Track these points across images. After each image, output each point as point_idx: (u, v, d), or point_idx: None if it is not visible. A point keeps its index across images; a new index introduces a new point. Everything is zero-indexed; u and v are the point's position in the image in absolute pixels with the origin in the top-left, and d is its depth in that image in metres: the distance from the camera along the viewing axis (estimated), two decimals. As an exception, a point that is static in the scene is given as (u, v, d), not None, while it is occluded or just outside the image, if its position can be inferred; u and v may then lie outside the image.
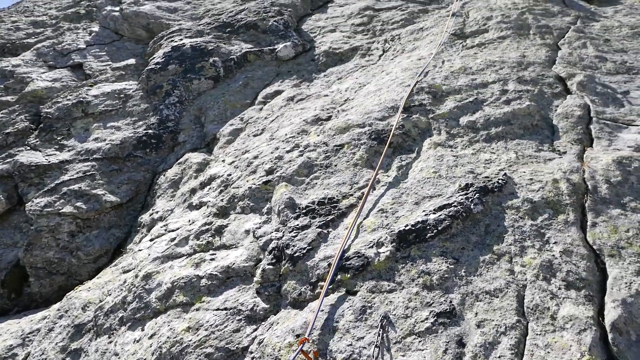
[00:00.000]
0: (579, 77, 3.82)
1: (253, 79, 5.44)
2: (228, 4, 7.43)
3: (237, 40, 6.15)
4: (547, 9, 5.53)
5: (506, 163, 2.87)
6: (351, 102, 4.12)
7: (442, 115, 3.41)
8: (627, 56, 4.34)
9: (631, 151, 2.90)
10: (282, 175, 3.19)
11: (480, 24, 5.16)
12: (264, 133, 4.25)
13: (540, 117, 3.34)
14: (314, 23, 6.72)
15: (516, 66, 4.03)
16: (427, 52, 4.67)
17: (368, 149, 3.18)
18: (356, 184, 2.94)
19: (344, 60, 5.49)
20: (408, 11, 6.61)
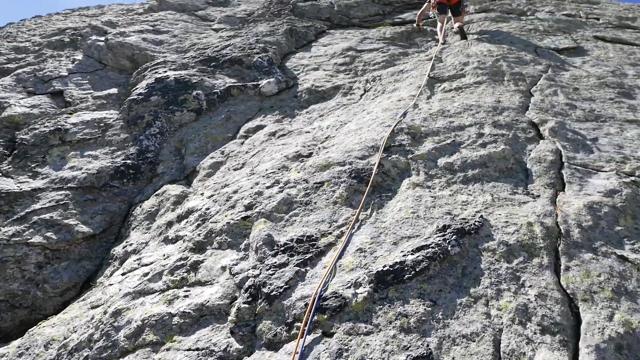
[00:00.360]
0: (550, 123, 3.98)
1: (236, 113, 5.49)
2: (214, 39, 7.57)
3: (221, 75, 6.23)
4: (520, 57, 5.82)
5: (482, 205, 2.93)
6: (332, 139, 4.18)
7: (420, 156, 3.48)
8: (595, 105, 4.57)
9: (601, 196, 3.00)
10: (261, 211, 3.17)
11: (458, 69, 5.38)
12: (244, 167, 4.25)
13: (514, 160, 3.45)
14: (297, 61, 6.88)
15: (492, 111, 4.18)
16: (407, 94, 4.81)
17: (348, 188, 3.20)
18: (335, 222, 2.95)
19: (326, 98, 5.60)
20: (389, 53, 6.85)
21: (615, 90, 4.92)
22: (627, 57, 6.22)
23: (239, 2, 10.73)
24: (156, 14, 9.45)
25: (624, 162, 3.45)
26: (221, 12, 9.63)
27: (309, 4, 9.92)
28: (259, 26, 8.27)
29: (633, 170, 3.33)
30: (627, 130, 4.05)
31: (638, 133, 3.99)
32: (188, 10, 9.86)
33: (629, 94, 4.89)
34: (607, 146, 3.74)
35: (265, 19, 8.88)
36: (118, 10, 10.71)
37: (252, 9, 9.79)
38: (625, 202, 2.94)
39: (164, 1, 10.41)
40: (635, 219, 2.84)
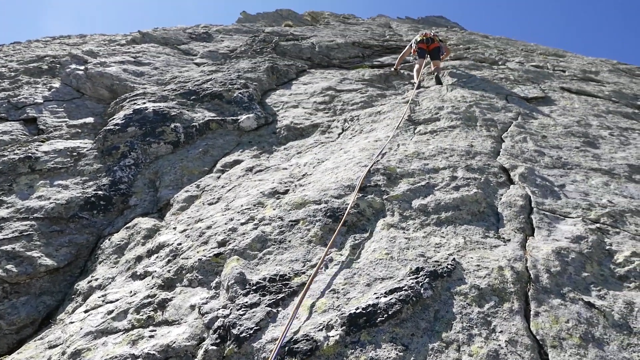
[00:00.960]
0: (520, 169, 4.11)
1: (213, 147, 5.48)
2: (195, 73, 7.64)
3: (200, 108, 6.26)
4: (492, 104, 6.07)
5: (455, 248, 2.96)
6: (309, 177, 4.20)
7: (395, 197, 3.53)
8: (562, 152, 4.76)
9: (568, 242, 3.08)
10: (234, 248, 3.12)
11: (433, 113, 5.56)
12: (219, 202, 4.21)
13: (486, 204, 3.53)
14: (277, 98, 6.99)
15: (465, 155, 4.31)
16: (383, 135, 4.92)
17: (323, 227, 3.20)
18: (309, 261, 2.92)
19: (305, 135, 5.67)
20: (367, 94, 7.04)
21: (580, 140, 5.16)
22: (591, 108, 6.57)
23: (222, 39, 10.93)
24: (139, 46, 9.52)
25: (590, 209, 3.57)
26: (204, 47, 9.77)
27: (291, 43, 10.19)
28: (241, 62, 8.41)
29: (598, 217, 3.45)
30: (592, 178, 4.22)
31: (602, 181, 4.16)
32: (171, 44, 9.97)
33: (593, 143, 5.13)
34: (573, 193, 3.88)
35: (248, 55, 9.05)
36: (100, 40, 10.74)
37: (235, 46, 9.98)
38: (591, 249, 3.03)
39: (147, 34, 10.51)
40: (600, 266, 2.92)
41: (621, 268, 2.88)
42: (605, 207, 3.61)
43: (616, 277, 2.82)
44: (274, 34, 11.31)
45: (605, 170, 4.41)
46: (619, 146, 5.12)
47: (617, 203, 3.72)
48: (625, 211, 3.60)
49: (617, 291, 2.66)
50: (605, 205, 3.65)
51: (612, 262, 2.95)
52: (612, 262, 2.95)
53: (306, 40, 10.78)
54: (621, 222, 3.44)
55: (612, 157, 4.77)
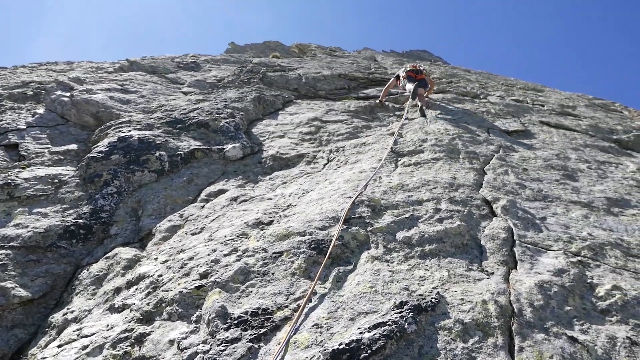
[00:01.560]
0: (502, 202, 4.17)
1: (198, 176, 5.45)
2: (182, 102, 7.68)
3: (186, 137, 6.25)
4: (474, 137, 6.20)
5: (439, 281, 2.95)
6: (294, 208, 4.19)
7: (380, 229, 3.53)
8: (543, 185, 4.86)
9: (550, 275, 3.10)
10: (216, 281, 3.06)
11: (417, 145, 5.65)
12: (202, 232, 4.15)
13: (470, 237, 3.55)
14: (264, 128, 7.04)
15: (448, 187, 4.36)
16: (368, 166, 4.97)
17: (307, 259, 3.17)
18: (292, 294, 2.88)
19: (290, 165, 5.69)
20: (353, 125, 7.14)
21: (560, 173, 5.28)
22: (569, 142, 6.76)
23: (210, 68, 11.06)
24: (126, 74, 9.56)
25: (571, 242, 3.62)
26: (192, 77, 9.86)
27: (278, 74, 10.35)
28: (228, 92, 8.49)
29: (579, 250, 3.49)
30: (572, 210, 4.29)
31: (582, 214, 4.24)
32: (159, 73, 10.04)
33: (572, 176, 5.25)
34: (554, 225, 3.93)
35: (235, 85, 9.15)
36: (87, 67, 10.76)
37: (223, 75, 10.10)
38: (573, 282, 3.05)
39: (136, 62, 10.58)
40: (582, 299, 2.94)
41: (603, 302, 2.90)
42: (586, 240, 3.67)
43: (598, 310, 2.83)
44: (262, 64, 11.49)
45: (585, 203, 4.50)
46: (597, 179, 5.25)
47: (597, 236, 3.79)
48: (605, 244, 3.66)
49: (599, 325, 2.67)
50: (586, 238, 3.71)
51: (593, 296, 2.97)
52: (594, 296, 2.97)
53: (293, 72, 10.96)
54: (601, 255, 3.49)
55: (590, 190, 4.88)
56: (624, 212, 4.41)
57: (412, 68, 8.75)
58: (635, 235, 3.92)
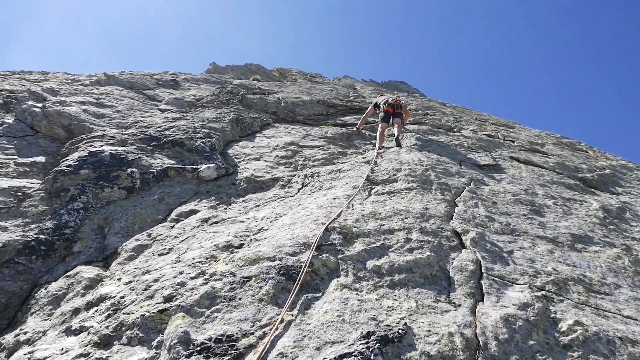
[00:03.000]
0: (472, 234, 4.24)
1: (170, 195, 5.35)
2: (159, 119, 7.60)
3: (160, 155, 6.16)
4: (447, 168, 6.33)
5: (407, 312, 2.95)
6: (265, 232, 4.15)
7: (350, 257, 3.53)
8: (511, 219, 4.97)
9: (516, 309, 3.15)
10: (181, 305, 2.97)
11: (391, 174, 5.72)
12: (170, 253, 4.05)
13: (439, 267, 3.58)
14: (240, 149, 7.01)
15: (419, 217, 4.41)
16: (342, 193, 4.99)
17: (275, 285, 3.13)
18: (259, 321, 2.82)
19: (264, 188, 5.66)
20: (329, 152, 7.20)
21: (527, 207, 5.42)
22: (537, 178, 6.98)
23: (190, 87, 11.03)
24: (102, 88, 9.43)
25: (536, 276, 3.69)
26: (170, 94, 9.80)
27: (258, 97, 10.40)
28: (206, 112, 8.46)
29: (544, 285, 3.57)
30: (538, 245, 4.40)
31: (547, 249, 4.34)
32: (136, 88, 9.95)
33: (539, 211, 5.40)
34: (521, 259, 4.01)
35: (214, 105, 9.14)
36: (63, 78, 10.57)
37: (202, 95, 10.08)
38: (537, 316, 3.10)
39: (113, 76, 10.46)
40: (546, 334, 2.98)
41: (565, 337, 2.95)
42: (550, 275, 3.75)
43: (560, 345, 2.88)
44: (242, 86, 11.54)
45: (550, 238, 4.62)
46: (562, 216, 5.41)
47: (561, 271, 3.88)
48: (569, 279, 3.75)
49: (561, 361, 2.71)
50: (550, 273, 3.79)
51: (556, 331, 3.02)
52: (557, 331, 3.02)
53: (273, 95, 11.04)
54: (565, 290, 3.57)
55: (556, 225, 5.02)
56: (587, 249, 4.54)
57: (393, 102, 8.53)
58: (597, 272, 4.03)
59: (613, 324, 3.21)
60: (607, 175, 8.43)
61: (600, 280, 3.87)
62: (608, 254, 4.50)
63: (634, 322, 3.30)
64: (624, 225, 5.64)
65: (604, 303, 3.50)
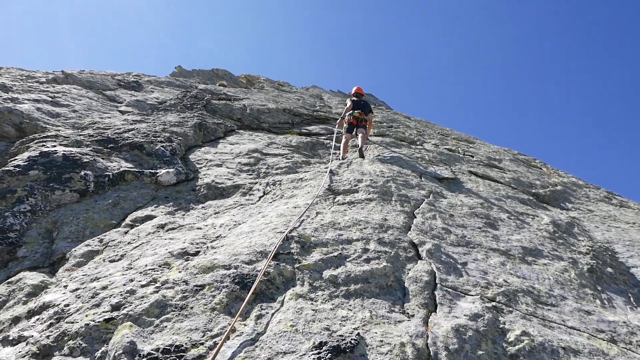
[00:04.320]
0: (428, 245, 4.32)
1: (125, 200, 5.18)
2: (118, 121, 7.37)
3: (117, 158, 5.97)
4: (407, 181, 6.44)
5: (361, 322, 2.96)
6: (223, 239, 4.08)
7: (307, 266, 3.51)
8: (466, 231, 5.11)
9: (467, 320, 3.22)
10: (129, 313, 2.87)
11: (352, 185, 5.77)
12: (122, 260, 3.91)
13: (394, 278, 3.62)
14: (202, 155, 6.90)
15: (378, 228, 4.46)
16: (303, 202, 4.98)
17: (229, 293, 3.07)
18: (210, 331, 2.75)
19: (225, 195, 5.58)
20: (292, 160, 7.18)
21: (483, 221, 5.59)
22: (493, 192, 7.21)
23: (153, 90, 10.78)
24: (59, 86, 9.07)
25: (488, 288, 3.80)
26: (131, 96, 9.54)
27: (223, 103, 10.29)
28: (168, 115, 8.29)
29: (494, 296, 3.67)
30: (491, 257, 4.53)
31: (500, 261, 4.48)
32: (96, 88, 9.63)
33: (493, 224, 5.57)
34: (474, 271, 4.12)
35: (177, 109, 8.96)
36: (17, 74, 10.09)
37: (165, 98, 9.87)
38: (486, 327, 3.18)
39: (72, 75, 10.10)
40: (495, 344, 3.06)
41: (512, 347, 3.04)
42: (501, 287, 3.87)
43: (508, 355, 2.96)
44: (207, 91, 11.39)
45: (503, 251, 4.77)
46: (515, 229, 5.61)
47: (511, 283, 4.01)
48: (518, 291, 3.87)
49: (507, 371, 2.78)
50: (501, 285, 3.91)
51: (504, 341, 3.11)
52: (505, 341, 3.11)
53: (238, 102, 10.96)
54: (514, 302, 3.68)
55: (509, 239, 5.19)
56: (536, 262, 4.72)
57: (358, 116, 8.53)
58: (545, 284, 4.19)
59: (558, 334, 3.33)
60: (558, 191, 8.83)
61: (547, 292, 4.02)
62: (556, 266, 4.69)
63: (577, 333, 3.44)
64: (572, 239, 5.90)
65: (550, 314, 3.63)
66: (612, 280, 4.81)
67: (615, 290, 4.61)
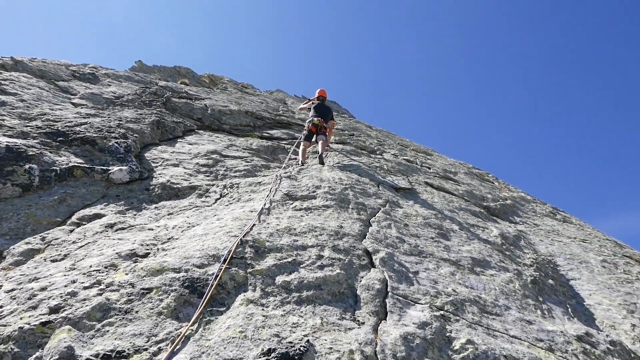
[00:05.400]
0: (382, 254, 4.39)
1: (73, 197, 4.95)
2: (70, 114, 7.05)
3: (67, 152, 5.70)
4: (365, 189, 6.53)
5: (311, 329, 2.96)
6: (175, 241, 3.97)
7: (260, 271, 3.48)
8: (420, 241, 5.22)
9: (415, 328, 3.28)
10: (68, 316, 2.73)
11: (311, 190, 5.78)
12: (65, 260, 3.72)
13: (347, 285, 3.64)
14: (158, 153, 6.70)
15: (334, 235, 4.48)
16: (259, 206, 4.94)
17: (178, 297, 2.98)
18: (155, 336, 2.66)
19: (180, 196, 5.44)
20: (252, 164, 7.12)
21: (435, 231, 5.74)
22: (447, 203, 7.43)
23: (110, 83, 10.40)
24: (7, 74, 8.56)
25: (437, 297, 3.89)
26: (86, 89, 9.15)
27: (184, 101, 10.07)
28: (125, 111, 8.01)
29: (443, 305, 3.77)
30: (442, 267, 4.65)
31: (450, 271, 4.61)
32: (48, 78, 9.17)
33: (446, 235, 5.73)
34: (425, 280, 4.22)
35: (135, 105, 8.68)
36: (-40, 59, 9.45)
37: (123, 93, 9.53)
38: (434, 335, 3.25)
39: (22, 62, 9.56)
40: (440, 352, 3.13)
41: (457, 354, 3.13)
42: (450, 296, 3.97)
43: (452, 364, 3.04)
44: (168, 88, 11.11)
45: (453, 261, 4.92)
46: (466, 240, 5.79)
47: (459, 292, 4.13)
48: (466, 300, 4.00)
49: (451, 379, 2.86)
50: (450, 294, 4.02)
51: (450, 349, 3.19)
52: (450, 349, 3.19)
53: (200, 101, 10.75)
54: (461, 311, 3.79)
55: (459, 249, 5.36)
56: (484, 272, 4.89)
57: (318, 123, 8.46)
58: (491, 294, 4.34)
59: (500, 343, 3.46)
60: (508, 205, 9.22)
61: (493, 302, 4.17)
62: (502, 277, 4.88)
63: (518, 342, 3.59)
64: (518, 251, 6.17)
65: (494, 323, 3.77)
66: (552, 292, 5.06)
67: (555, 301, 4.85)
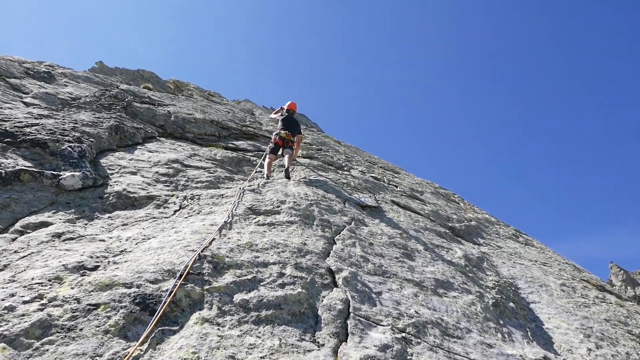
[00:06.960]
0: (345, 273, 4.30)
1: (18, 202, 4.60)
2: (20, 113, 6.64)
3: (14, 154, 5.33)
4: (330, 206, 6.45)
5: (269, 350, 2.81)
6: (128, 254, 3.74)
7: (217, 288, 3.31)
8: (384, 261, 5.18)
9: (376, 350, 3.20)
10: (3, 333, 2.47)
11: (275, 205, 5.65)
12: (4, 271, 3.41)
13: (308, 305, 3.52)
14: (115, 160, 6.40)
15: (297, 252, 4.36)
16: (221, 219, 4.76)
17: (127, 315, 2.78)
18: (99, 356, 2.45)
19: (137, 206, 5.18)
20: (215, 175, 6.91)
21: (400, 251, 5.72)
22: (413, 223, 7.46)
23: (67, 83, 9.93)
24: (-45, 68, 8.02)
25: (399, 318, 3.83)
26: (40, 88, 8.69)
27: (146, 107, 9.75)
28: (81, 114, 7.64)
29: (405, 327, 3.70)
30: (405, 288, 4.61)
31: (413, 292, 4.57)
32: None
33: (410, 255, 5.72)
34: (388, 301, 4.15)
35: (92, 108, 8.30)
36: None
37: (80, 95, 9.12)
38: (394, 358, 3.18)
39: (-27, 58, 9.00)
40: (402, 376, 3.06)
41: (418, 380, 3.05)
42: (412, 318, 3.92)
43: (413, 389, 2.96)
44: (129, 92, 10.74)
45: (417, 282, 4.89)
46: (430, 261, 5.80)
47: (422, 314, 4.08)
48: (428, 322, 3.95)
49: (412, 405, 2.77)
50: (412, 316, 3.97)
51: (411, 373, 3.11)
52: (411, 373, 3.12)
53: (163, 107, 10.45)
54: (423, 333, 3.74)
55: (423, 270, 5.35)
56: (447, 294, 4.88)
57: (285, 137, 8.38)
58: (453, 316, 4.33)
59: (461, 367, 3.42)
60: (472, 226, 9.38)
61: (455, 324, 4.15)
62: (464, 299, 4.88)
63: (478, 366, 3.56)
64: (481, 273, 6.23)
65: (455, 346, 3.74)
66: (513, 315, 5.12)
67: (516, 324, 4.89)
